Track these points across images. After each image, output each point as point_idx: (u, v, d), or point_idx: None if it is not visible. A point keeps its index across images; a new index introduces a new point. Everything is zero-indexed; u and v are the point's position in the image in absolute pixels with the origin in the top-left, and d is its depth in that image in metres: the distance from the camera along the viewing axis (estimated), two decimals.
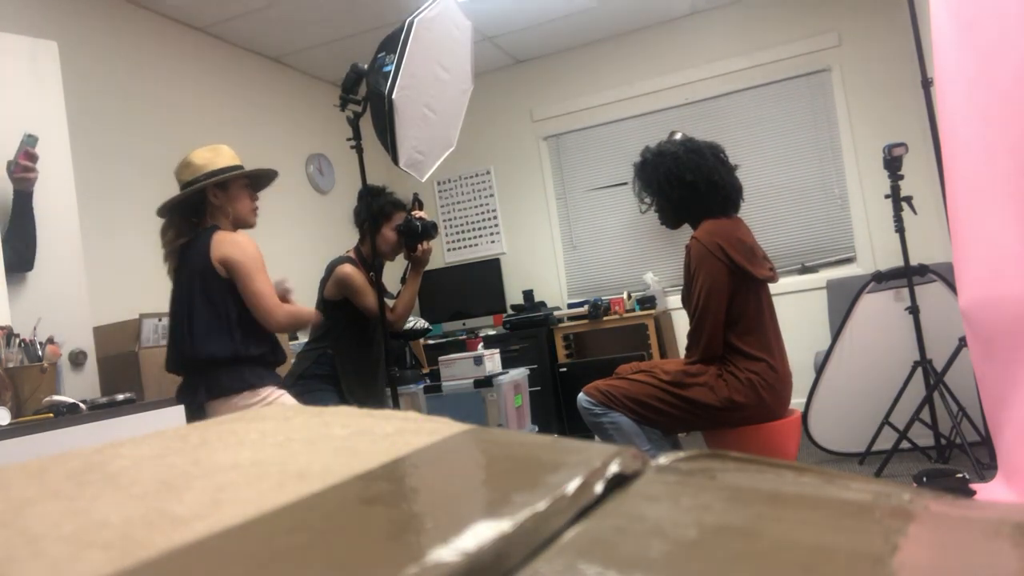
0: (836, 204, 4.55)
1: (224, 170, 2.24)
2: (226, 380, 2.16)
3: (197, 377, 2.19)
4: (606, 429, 2.32)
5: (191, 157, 2.26)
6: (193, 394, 2.18)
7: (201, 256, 2.17)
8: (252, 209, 2.34)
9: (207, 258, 2.16)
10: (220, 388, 2.15)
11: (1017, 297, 2.09)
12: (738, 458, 0.36)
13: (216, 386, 2.15)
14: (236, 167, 2.28)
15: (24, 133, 2.33)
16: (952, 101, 2.36)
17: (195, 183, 2.21)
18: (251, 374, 2.18)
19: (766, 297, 2.34)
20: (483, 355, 3.43)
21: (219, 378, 2.16)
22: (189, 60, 3.98)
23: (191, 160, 2.25)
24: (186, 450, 0.37)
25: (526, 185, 5.27)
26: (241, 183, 2.29)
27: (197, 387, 2.18)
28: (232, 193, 2.27)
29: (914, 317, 3.06)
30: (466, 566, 0.23)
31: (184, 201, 2.24)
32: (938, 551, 0.27)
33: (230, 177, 2.24)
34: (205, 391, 2.16)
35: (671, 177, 2.33)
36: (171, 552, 0.24)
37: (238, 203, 2.28)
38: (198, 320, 2.17)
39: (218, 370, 2.16)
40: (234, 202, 2.27)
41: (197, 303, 2.17)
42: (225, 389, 2.15)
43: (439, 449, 0.37)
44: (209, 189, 2.22)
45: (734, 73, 4.74)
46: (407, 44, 2.52)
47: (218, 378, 2.16)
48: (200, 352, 2.16)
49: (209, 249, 2.16)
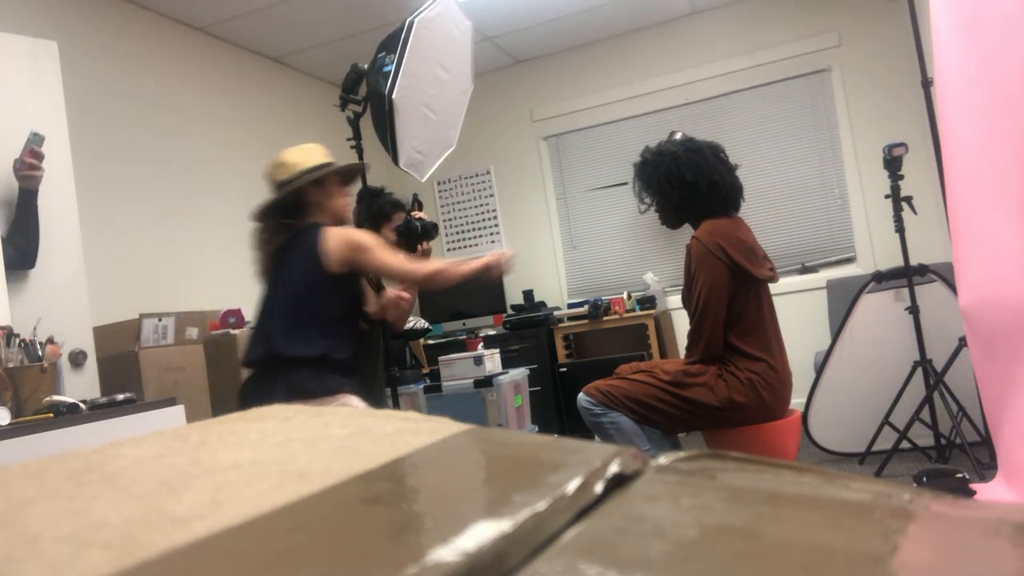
0: (836, 204, 4.55)
1: (320, 167, 2.23)
2: (309, 382, 2.10)
3: (275, 375, 2.13)
4: (606, 429, 2.32)
5: (284, 157, 2.25)
6: (269, 392, 2.09)
7: (308, 252, 2.14)
8: (346, 204, 2.33)
9: (315, 253, 2.13)
10: (302, 390, 2.08)
11: (1017, 297, 2.09)
12: (738, 458, 0.36)
13: (298, 387, 2.08)
14: (328, 164, 2.26)
15: (30, 132, 2.34)
16: (952, 101, 2.36)
17: (291, 182, 2.20)
18: (331, 379, 2.12)
19: (766, 297, 2.34)
20: (483, 355, 3.43)
21: (302, 379, 2.10)
22: (189, 60, 3.98)
23: (284, 160, 2.24)
24: (186, 450, 0.37)
25: (526, 185, 5.27)
26: (335, 179, 2.28)
27: (275, 385, 2.10)
28: (328, 189, 2.26)
29: (914, 317, 3.07)
30: (466, 566, 0.23)
31: (281, 201, 2.22)
32: (938, 551, 0.27)
33: (326, 173, 2.23)
34: (285, 391, 2.08)
35: (671, 177, 2.33)
36: (171, 552, 0.24)
37: (335, 199, 2.27)
38: (292, 318, 2.13)
39: (301, 370, 2.11)
40: (331, 198, 2.26)
41: (294, 300, 2.15)
42: (307, 391, 2.08)
43: (439, 449, 0.37)
44: (307, 187, 2.21)
45: (734, 73, 4.74)
46: (407, 44, 2.52)
47: (301, 379, 2.10)
48: (288, 350, 2.11)
49: (319, 243, 2.13)
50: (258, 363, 2.19)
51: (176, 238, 3.71)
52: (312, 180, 2.20)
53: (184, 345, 2.92)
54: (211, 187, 3.97)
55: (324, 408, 0.47)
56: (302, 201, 2.23)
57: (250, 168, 4.28)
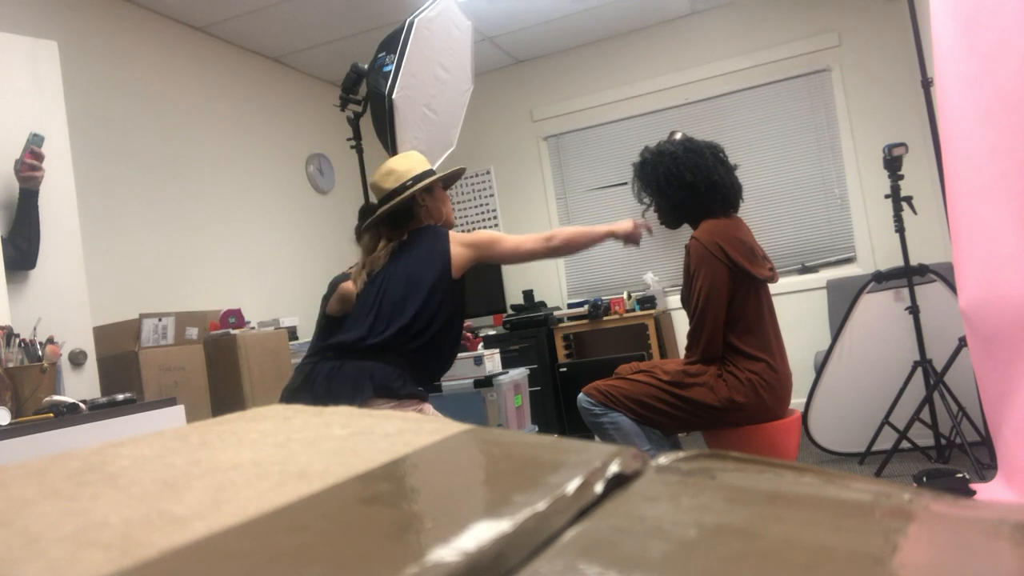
0: (836, 204, 4.55)
1: (427, 173, 2.30)
2: (395, 381, 2.09)
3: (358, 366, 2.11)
4: (606, 429, 2.32)
5: (392, 165, 2.30)
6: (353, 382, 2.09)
7: (435, 252, 2.19)
8: (451, 208, 2.41)
9: (445, 254, 2.19)
10: (386, 388, 2.08)
11: (1017, 297, 2.09)
12: (738, 458, 0.36)
13: (381, 384, 2.08)
14: (432, 170, 2.33)
15: (30, 132, 2.34)
16: (952, 101, 2.36)
17: (402, 190, 2.25)
18: (410, 385, 2.13)
19: (766, 297, 2.34)
20: (483, 355, 3.43)
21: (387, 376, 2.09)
22: (189, 60, 3.98)
23: (393, 168, 2.29)
24: (186, 450, 0.37)
25: (526, 185, 5.27)
26: (440, 184, 2.35)
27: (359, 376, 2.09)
28: (436, 195, 2.33)
29: (914, 317, 3.07)
30: (466, 566, 0.23)
31: (396, 207, 2.25)
32: (938, 551, 0.27)
33: (435, 180, 2.30)
34: (371, 389, 2.07)
35: (671, 177, 2.33)
36: (171, 552, 0.24)
37: (443, 204, 2.34)
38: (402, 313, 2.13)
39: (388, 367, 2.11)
40: (439, 203, 2.33)
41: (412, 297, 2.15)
42: (391, 391, 2.08)
43: (439, 449, 0.37)
44: (419, 193, 2.26)
45: (734, 73, 4.74)
46: (407, 44, 2.52)
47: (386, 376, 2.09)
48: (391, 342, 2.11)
49: (449, 246, 2.20)
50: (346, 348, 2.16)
51: (176, 238, 3.71)
52: (423, 187, 2.26)
53: (184, 345, 2.92)
54: (211, 187, 3.98)
55: (324, 408, 0.47)
56: (413, 208, 2.28)
57: (250, 167, 4.28)
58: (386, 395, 2.07)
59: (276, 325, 3.57)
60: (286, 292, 4.35)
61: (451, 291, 2.21)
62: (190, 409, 2.45)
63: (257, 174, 4.31)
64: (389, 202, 2.25)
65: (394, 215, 2.27)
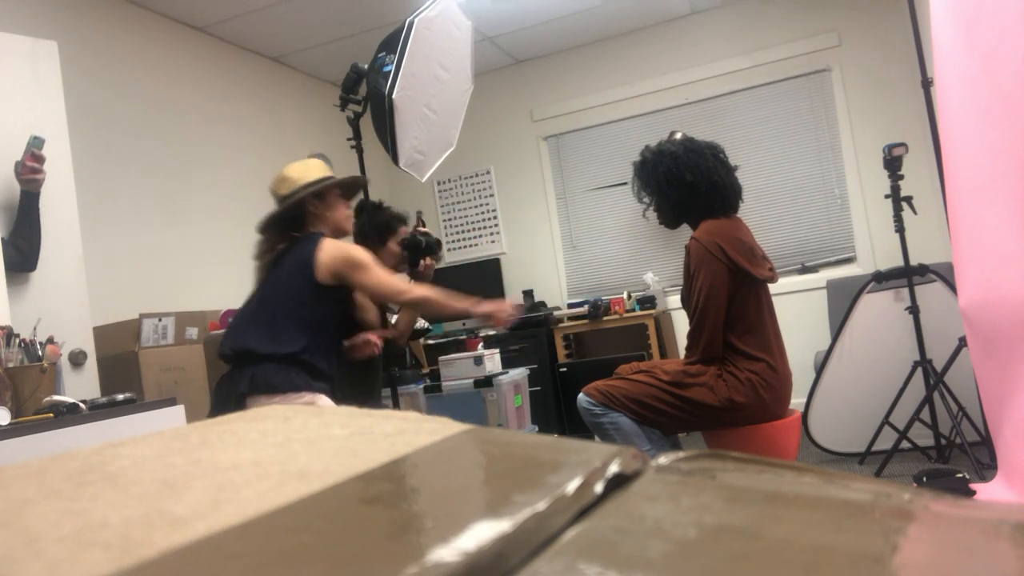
0: (836, 204, 4.55)
1: (319, 181, 2.33)
2: (274, 376, 2.15)
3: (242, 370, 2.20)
4: (606, 429, 2.32)
5: (287, 172, 2.34)
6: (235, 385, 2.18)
7: (302, 257, 2.22)
8: (347, 216, 2.43)
9: (309, 259, 2.21)
10: (267, 383, 2.14)
11: (1017, 297, 2.09)
12: (738, 458, 0.36)
13: (262, 381, 2.15)
14: (329, 178, 2.37)
15: (31, 135, 2.34)
16: (952, 101, 2.36)
17: (293, 195, 2.29)
18: (299, 377, 2.17)
19: (766, 297, 2.34)
20: (483, 355, 3.43)
21: (267, 373, 2.16)
22: (189, 60, 3.98)
23: (287, 175, 2.34)
24: (186, 450, 0.37)
25: (526, 185, 5.27)
26: (335, 192, 2.38)
27: (240, 378, 2.18)
28: (329, 202, 2.36)
29: (914, 317, 3.07)
30: (466, 566, 0.23)
31: (284, 214, 2.31)
32: (938, 551, 0.27)
33: (326, 186, 2.33)
34: (249, 383, 2.15)
35: (670, 177, 2.33)
36: (171, 552, 0.24)
37: (335, 211, 2.37)
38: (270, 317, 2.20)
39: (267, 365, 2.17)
40: (331, 210, 2.36)
41: (277, 301, 2.22)
42: (271, 385, 2.14)
43: (439, 449, 0.37)
44: (308, 200, 2.31)
45: (734, 73, 4.74)
46: (407, 44, 2.52)
47: (266, 373, 2.16)
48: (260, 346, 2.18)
49: (316, 251, 2.21)
50: (229, 356, 2.26)
51: (176, 238, 3.71)
52: (313, 192, 2.30)
53: (184, 345, 2.92)
54: (211, 187, 3.98)
55: (324, 408, 0.47)
56: (304, 213, 2.32)
57: (250, 168, 4.28)
58: (266, 391, 2.12)
59: None
60: None
61: (321, 296, 2.22)
62: (190, 409, 2.45)
63: (257, 174, 4.31)
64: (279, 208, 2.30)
65: (283, 220, 2.31)
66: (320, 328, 2.25)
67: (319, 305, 2.23)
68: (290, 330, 2.20)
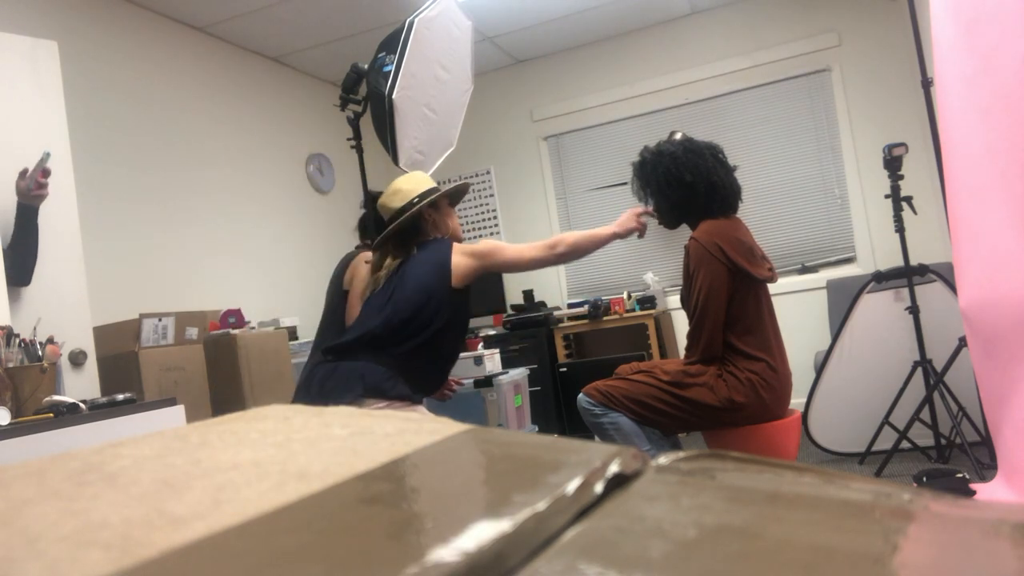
0: (836, 204, 4.55)
1: (432, 190, 2.37)
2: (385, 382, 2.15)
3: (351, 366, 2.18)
4: (606, 429, 2.32)
5: (398, 184, 2.38)
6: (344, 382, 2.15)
7: (436, 262, 2.25)
8: (458, 223, 2.49)
9: (446, 263, 2.25)
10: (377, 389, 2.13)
11: (1017, 297, 2.09)
12: (738, 458, 0.36)
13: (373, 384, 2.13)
14: (438, 187, 2.41)
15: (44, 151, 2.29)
16: (952, 101, 2.36)
17: (409, 207, 2.32)
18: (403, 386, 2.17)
19: (766, 297, 2.34)
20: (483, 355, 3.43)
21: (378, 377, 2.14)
22: (189, 60, 3.98)
23: (399, 187, 2.37)
24: (186, 450, 0.37)
25: (526, 185, 5.27)
26: (445, 200, 2.43)
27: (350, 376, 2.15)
28: (443, 210, 2.41)
29: (914, 317, 3.07)
30: (466, 566, 0.23)
31: (403, 227, 2.34)
32: (938, 551, 0.27)
33: (439, 196, 2.38)
34: (362, 388, 2.13)
35: (669, 178, 2.33)
36: (171, 552, 0.24)
37: (450, 219, 2.43)
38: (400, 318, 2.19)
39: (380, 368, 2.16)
40: (446, 218, 2.42)
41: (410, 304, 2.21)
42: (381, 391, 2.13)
43: (439, 449, 0.37)
44: (425, 210, 2.34)
45: (734, 73, 4.74)
46: (407, 44, 2.52)
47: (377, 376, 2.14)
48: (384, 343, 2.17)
49: (450, 255, 2.27)
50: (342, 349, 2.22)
51: (176, 238, 3.71)
52: (429, 203, 2.34)
53: (184, 345, 2.92)
54: (211, 186, 3.98)
55: (324, 408, 0.47)
56: (420, 224, 2.35)
57: (250, 168, 4.28)
58: (376, 395, 2.12)
59: (276, 325, 3.57)
60: (286, 292, 4.35)
61: (450, 300, 2.24)
62: (190, 409, 2.45)
63: (257, 174, 4.31)
64: (397, 220, 2.32)
65: (401, 232, 2.34)
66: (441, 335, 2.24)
67: (447, 311, 2.24)
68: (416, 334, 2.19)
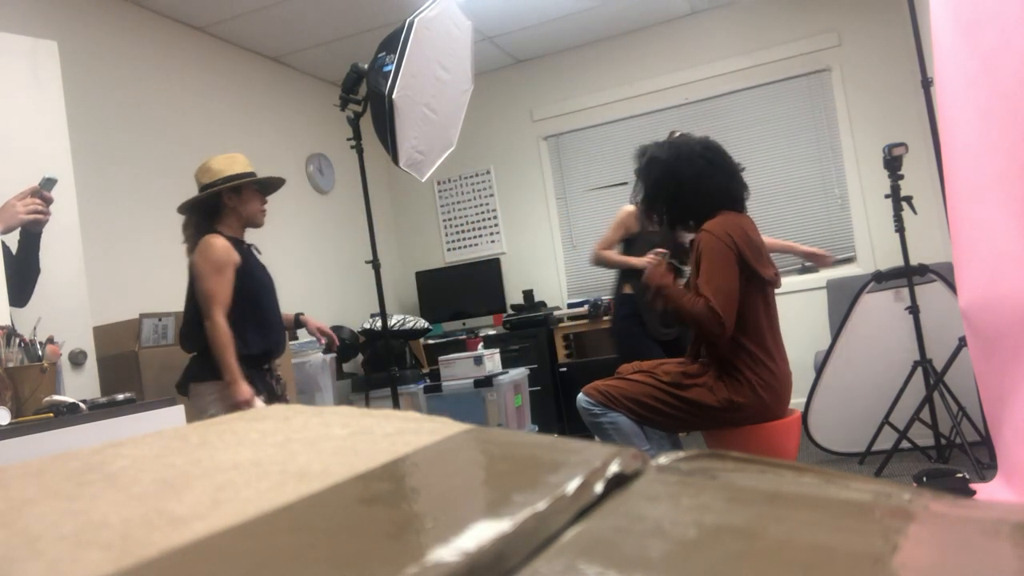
0: (836, 204, 4.55)
1: (238, 176, 2.49)
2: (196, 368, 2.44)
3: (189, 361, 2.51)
4: (605, 429, 2.31)
5: (210, 163, 2.52)
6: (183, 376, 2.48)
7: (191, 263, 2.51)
8: (261, 211, 2.60)
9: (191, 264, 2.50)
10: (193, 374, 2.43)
11: (1017, 297, 2.09)
12: (738, 458, 0.36)
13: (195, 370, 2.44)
14: (249, 174, 2.54)
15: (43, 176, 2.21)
16: (952, 101, 2.36)
17: (213, 186, 2.47)
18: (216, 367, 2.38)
19: (770, 297, 2.34)
20: (483, 355, 3.43)
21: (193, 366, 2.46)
22: (189, 60, 3.98)
23: (210, 165, 2.51)
24: (186, 450, 0.37)
25: (526, 185, 5.27)
26: (252, 188, 2.54)
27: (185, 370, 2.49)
28: (245, 197, 2.53)
29: (914, 317, 3.06)
30: (466, 566, 0.23)
31: (202, 201, 2.50)
32: (938, 551, 0.27)
33: (244, 183, 2.50)
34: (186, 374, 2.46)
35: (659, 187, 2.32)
36: (171, 552, 0.24)
37: (249, 205, 2.54)
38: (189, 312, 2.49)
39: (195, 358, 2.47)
40: (246, 204, 2.53)
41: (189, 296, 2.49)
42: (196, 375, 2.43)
43: (439, 449, 0.37)
44: (225, 192, 2.48)
45: (734, 73, 4.74)
46: (407, 44, 2.52)
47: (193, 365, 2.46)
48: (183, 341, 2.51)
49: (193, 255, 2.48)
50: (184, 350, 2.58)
51: (176, 237, 3.70)
52: (230, 187, 2.47)
53: None
54: None
55: (324, 408, 0.47)
56: (220, 204, 2.50)
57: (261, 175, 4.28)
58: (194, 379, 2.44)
59: None
60: (286, 292, 4.35)
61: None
62: (190, 409, 2.45)
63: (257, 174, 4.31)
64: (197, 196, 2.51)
65: (200, 208, 2.51)
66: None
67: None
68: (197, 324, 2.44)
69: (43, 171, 2.38)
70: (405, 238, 5.62)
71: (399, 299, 5.50)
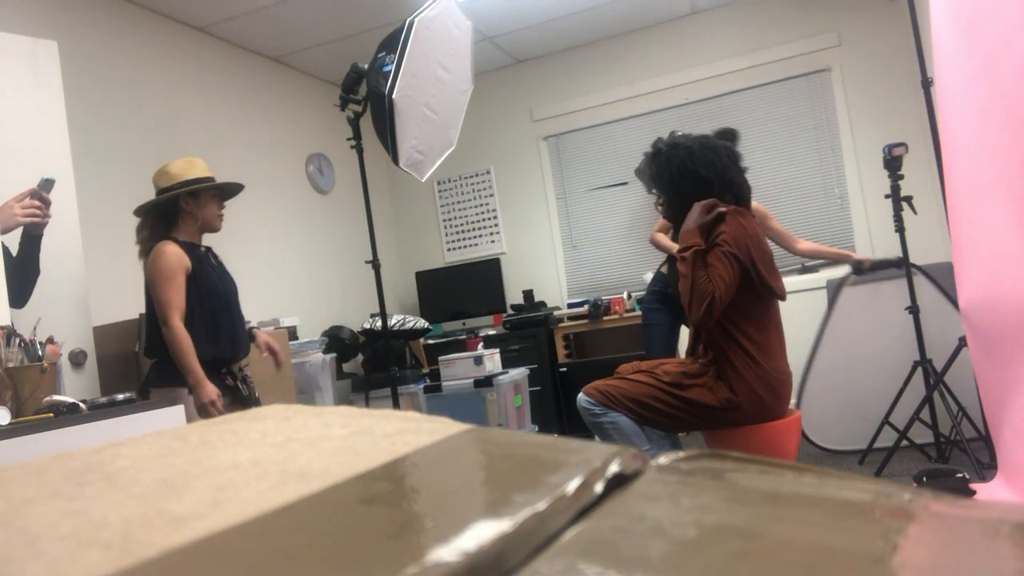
0: (836, 204, 4.55)
1: (196, 180, 2.46)
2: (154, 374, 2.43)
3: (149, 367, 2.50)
4: (605, 429, 2.31)
5: (168, 167, 2.49)
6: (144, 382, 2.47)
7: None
8: (218, 216, 2.56)
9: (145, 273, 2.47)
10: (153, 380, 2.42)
11: (1017, 297, 2.09)
12: (738, 458, 0.36)
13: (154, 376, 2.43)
14: (207, 179, 2.50)
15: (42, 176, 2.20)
16: (952, 101, 2.36)
17: (169, 190, 2.44)
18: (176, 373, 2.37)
19: (773, 300, 2.33)
20: (483, 355, 3.43)
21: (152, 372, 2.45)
22: (189, 60, 3.98)
23: (167, 169, 2.48)
24: (186, 450, 0.37)
25: (526, 185, 5.27)
26: (211, 193, 2.51)
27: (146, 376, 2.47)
28: (202, 201, 2.49)
29: (914, 317, 3.07)
30: (466, 566, 0.23)
31: (159, 205, 2.46)
32: (938, 551, 0.27)
33: (201, 188, 2.46)
34: (147, 380, 2.45)
35: (684, 171, 2.30)
36: (171, 552, 0.24)
37: (206, 210, 2.50)
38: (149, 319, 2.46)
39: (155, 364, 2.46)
40: (202, 209, 2.49)
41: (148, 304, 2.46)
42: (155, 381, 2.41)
43: (439, 449, 0.37)
44: (182, 197, 2.44)
45: (734, 73, 4.74)
46: (407, 44, 2.52)
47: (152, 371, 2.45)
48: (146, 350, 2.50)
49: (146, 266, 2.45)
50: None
51: None
52: (188, 191, 2.44)
53: None
54: None
55: (324, 408, 0.47)
56: (177, 208, 2.46)
57: (250, 168, 4.28)
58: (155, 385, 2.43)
59: (276, 325, 3.57)
60: (286, 292, 4.35)
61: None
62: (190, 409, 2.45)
63: (257, 174, 4.31)
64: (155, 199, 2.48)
65: (158, 211, 2.47)
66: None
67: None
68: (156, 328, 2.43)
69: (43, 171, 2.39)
70: (405, 238, 5.62)
71: (399, 299, 5.50)
